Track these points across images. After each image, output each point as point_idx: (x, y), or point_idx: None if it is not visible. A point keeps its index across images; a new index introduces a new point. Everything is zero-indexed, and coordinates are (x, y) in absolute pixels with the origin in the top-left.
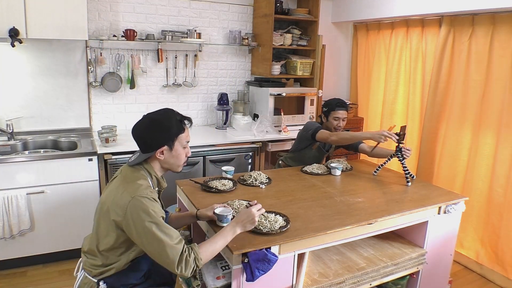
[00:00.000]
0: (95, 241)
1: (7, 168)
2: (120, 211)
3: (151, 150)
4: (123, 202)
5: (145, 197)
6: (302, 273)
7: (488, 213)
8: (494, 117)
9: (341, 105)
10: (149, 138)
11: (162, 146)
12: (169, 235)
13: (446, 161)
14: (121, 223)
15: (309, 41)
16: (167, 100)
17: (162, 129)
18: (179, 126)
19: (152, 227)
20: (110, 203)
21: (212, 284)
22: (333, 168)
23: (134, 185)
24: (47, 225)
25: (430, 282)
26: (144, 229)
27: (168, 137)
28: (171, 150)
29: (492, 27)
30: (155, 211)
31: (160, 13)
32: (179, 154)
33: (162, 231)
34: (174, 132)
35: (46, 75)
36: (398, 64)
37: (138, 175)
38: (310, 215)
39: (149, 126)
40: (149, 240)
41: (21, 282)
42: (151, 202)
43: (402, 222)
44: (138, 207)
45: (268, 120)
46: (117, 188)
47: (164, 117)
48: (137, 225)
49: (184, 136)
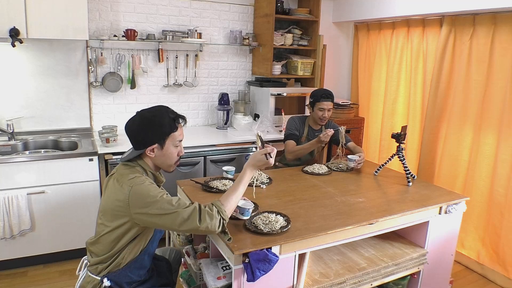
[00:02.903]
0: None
1: (8, 168)
2: (122, 204)
3: (142, 147)
4: (123, 196)
5: (142, 184)
6: (303, 273)
7: (489, 213)
8: (495, 117)
9: (326, 96)
10: (140, 135)
11: (152, 144)
12: (177, 204)
13: (447, 161)
14: (127, 216)
15: (310, 41)
16: (167, 100)
17: (153, 126)
18: (172, 125)
19: (157, 205)
20: (111, 202)
21: (213, 284)
22: (350, 159)
23: (129, 177)
24: (47, 225)
25: (431, 282)
26: (152, 210)
27: (159, 135)
28: (161, 149)
29: (493, 27)
30: (156, 190)
31: (161, 13)
32: (170, 153)
33: (169, 203)
34: (166, 130)
35: (46, 75)
36: (399, 64)
37: (133, 170)
38: (311, 215)
39: (140, 123)
40: (162, 219)
41: (22, 283)
42: (150, 185)
43: (403, 222)
44: (138, 194)
45: (269, 120)
46: (114, 186)
47: (156, 115)
48: (143, 211)
49: (177, 135)
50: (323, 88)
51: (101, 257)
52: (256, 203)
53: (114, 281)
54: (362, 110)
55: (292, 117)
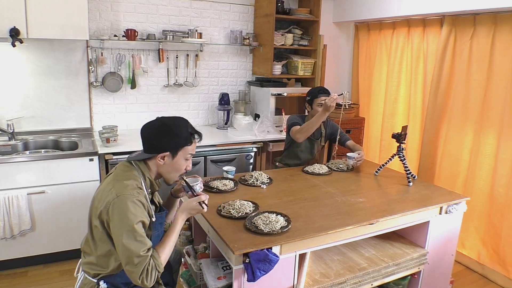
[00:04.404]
0: (90, 241)
1: (8, 168)
2: (104, 208)
3: (154, 152)
4: (108, 200)
5: (129, 198)
6: (303, 273)
7: (489, 213)
8: (495, 117)
9: (324, 91)
10: (156, 140)
11: (164, 151)
12: (140, 242)
13: (448, 161)
14: (104, 218)
15: (310, 41)
16: (168, 100)
17: (170, 134)
18: (188, 138)
19: (125, 231)
20: (98, 201)
21: (213, 284)
22: (349, 157)
23: (122, 184)
24: (48, 225)
25: (431, 282)
26: (119, 231)
27: (174, 145)
28: (172, 159)
29: (493, 27)
30: (135, 214)
31: (161, 13)
32: (179, 165)
33: (134, 238)
34: (181, 141)
35: (47, 75)
36: (399, 64)
37: (130, 174)
38: (311, 215)
39: (159, 128)
40: (119, 244)
41: (22, 282)
42: (133, 205)
43: (404, 222)
44: (119, 207)
45: (269, 120)
46: (107, 185)
47: (176, 125)
48: (114, 224)
49: (190, 149)
50: (318, 86)
51: (92, 256)
52: (256, 203)
53: (110, 283)
54: (362, 110)
55: (292, 115)
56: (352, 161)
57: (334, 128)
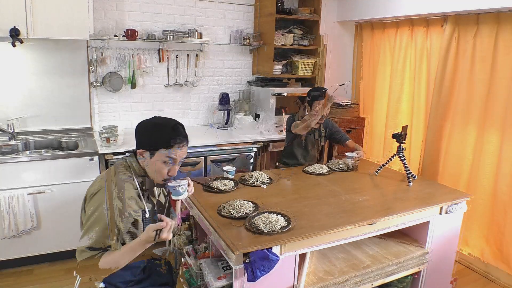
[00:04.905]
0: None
1: (8, 168)
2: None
3: (137, 147)
4: (90, 190)
5: (102, 187)
6: (303, 273)
7: (492, 211)
8: (498, 116)
9: (324, 94)
10: (139, 135)
11: (143, 148)
12: (93, 231)
13: (451, 159)
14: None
15: (313, 41)
16: (169, 100)
17: (151, 133)
18: (167, 141)
19: (90, 210)
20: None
21: (214, 284)
22: (348, 157)
23: (109, 174)
24: (51, 225)
25: (433, 281)
26: (86, 208)
27: (153, 144)
28: (150, 158)
29: (496, 26)
30: (100, 199)
31: (166, 12)
32: (158, 167)
33: (90, 228)
34: (159, 142)
35: (47, 75)
36: (403, 63)
37: (123, 170)
38: (315, 213)
39: (146, 125)
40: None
41: (27, 280)
42: (100, 194)
43: (404, 222)
44: (93, 194)
45: (270, 120)
46: (94, 180)
47: (162, 125)
48: (83, 204)
49: (166, 153)
50: (317, 86)
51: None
52: (257, 203)
53: (107, 282)
54: (366, 109)
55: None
56: (351, 160)
57: (334, 128)
